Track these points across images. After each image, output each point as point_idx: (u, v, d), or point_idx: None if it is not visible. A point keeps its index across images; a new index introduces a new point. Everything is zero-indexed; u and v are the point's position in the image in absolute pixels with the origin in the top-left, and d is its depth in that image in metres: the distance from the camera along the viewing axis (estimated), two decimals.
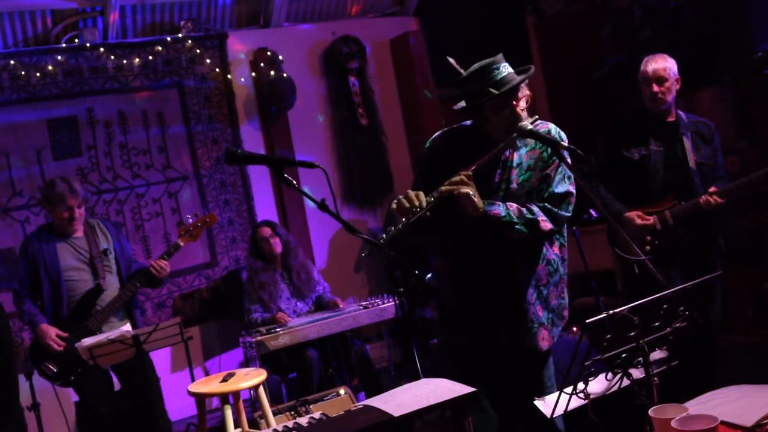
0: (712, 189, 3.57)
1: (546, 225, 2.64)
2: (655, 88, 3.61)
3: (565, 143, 2.65)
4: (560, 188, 2.68)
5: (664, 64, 3.63)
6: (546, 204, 2.66)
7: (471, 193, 2.54)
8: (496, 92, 2.60)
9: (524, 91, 2.69)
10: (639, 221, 3.66)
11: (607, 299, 4.96)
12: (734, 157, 4.91)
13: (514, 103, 2.65)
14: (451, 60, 2.72)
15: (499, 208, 2.60)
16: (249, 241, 5.25)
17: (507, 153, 2.72)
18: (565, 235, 2.82)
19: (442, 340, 3.11)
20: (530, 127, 2.60)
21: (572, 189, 2.69)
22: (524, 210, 2.63)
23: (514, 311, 2.73)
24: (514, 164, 2.72)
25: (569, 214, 2.71)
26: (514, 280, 2.72)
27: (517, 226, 2.60)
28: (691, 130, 3.70)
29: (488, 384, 2.83)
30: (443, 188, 2.55)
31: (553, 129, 2.74)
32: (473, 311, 2.78)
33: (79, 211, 4.14)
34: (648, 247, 3.66)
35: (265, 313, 4.88)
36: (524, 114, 2.69)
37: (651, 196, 3.71)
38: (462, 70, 2.72)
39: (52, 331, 3.99)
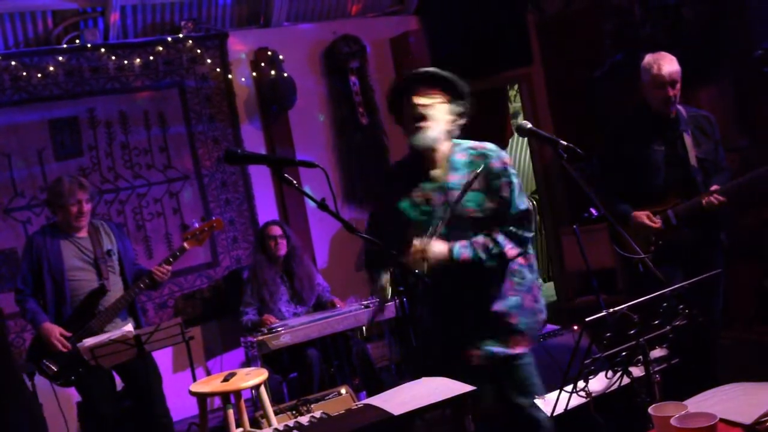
0: (713, 187, 3.56)
1: (512, 252, 2.70)
2: (671, 91, 3.57)
3: (507, 160, 2.72)
4: (521, 206, 2.72)
5: (676, 66, 3.58)
6: (510, 228, 2.70)
7: (430, 258, 2.60)
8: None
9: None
10: (647, 221, 3.64)
11: (608, 298, 4.95)
12: (734, 154, 4.90)
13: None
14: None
15: (467, 251, 2.67)
16: (255, 236, 5.27)
17: (447, 175, 2.76)
18: (529, 246, 2.86)
19: (416, 362, 3.18)
20: (530, 126, 2.61)
21: (530, 205, 2.76)
22: (490, 244, 2.68)
23: (486, 324, 2.77)
24: (451, 185, 2.73)
25: (532, 233, 2.77)
26: (483, 297, 2.77)
27: (486, 264, 2.66)
28: (691, 125, 3.69)
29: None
30: (404, 262, 2.61)
31: (491, 152, 2.73)
32: (447, 330, 2.85)
33: (88, 206, 4.14)
34: (652, 247, 3.65)
35: (255, 316, 4.90)
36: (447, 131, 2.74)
37: (653, 195, 3.70)
38: None
39: (56, 330, 3.97)
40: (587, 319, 1.93)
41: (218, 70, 5.62)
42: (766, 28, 4.74)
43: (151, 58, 5.35)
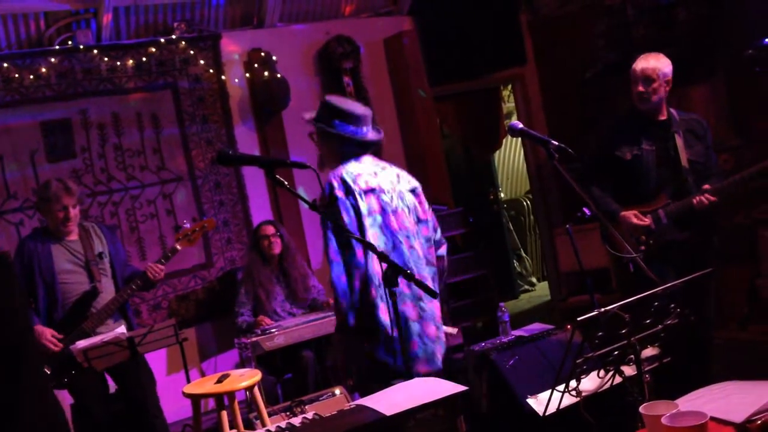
0: (705, 187, 3.57)
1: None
2: (641, 87, 3.61)
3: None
4: None
5: (654, 64, 3.62)
6: None
7: None
8: None
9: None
10: (635, 220, 3.66)
11: (603, 297, 4.96)
12: (727, 154, 4.92)
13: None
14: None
15: None
16: (250, 237, 5.28)
17: None
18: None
19: None
20: (521, 126, 2.62)
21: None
22: None
23: None
24: None
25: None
26: None
27: None
28: (683, 128, 3.70)
29: None
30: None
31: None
32: None
33: (74, 211, 4.13)
34: (642, 247, 3.67)
35: (250, 317, 4.89)
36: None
37: (644, 196, 3.72)
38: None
39: (47, 332, 3.97)
40: (579, 319, 1.93)
41: (211, 71, 5.61)
42: (757, 27, 4.76)
43: (144, 59, 5.34)
